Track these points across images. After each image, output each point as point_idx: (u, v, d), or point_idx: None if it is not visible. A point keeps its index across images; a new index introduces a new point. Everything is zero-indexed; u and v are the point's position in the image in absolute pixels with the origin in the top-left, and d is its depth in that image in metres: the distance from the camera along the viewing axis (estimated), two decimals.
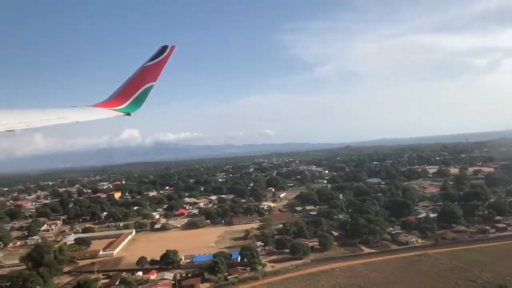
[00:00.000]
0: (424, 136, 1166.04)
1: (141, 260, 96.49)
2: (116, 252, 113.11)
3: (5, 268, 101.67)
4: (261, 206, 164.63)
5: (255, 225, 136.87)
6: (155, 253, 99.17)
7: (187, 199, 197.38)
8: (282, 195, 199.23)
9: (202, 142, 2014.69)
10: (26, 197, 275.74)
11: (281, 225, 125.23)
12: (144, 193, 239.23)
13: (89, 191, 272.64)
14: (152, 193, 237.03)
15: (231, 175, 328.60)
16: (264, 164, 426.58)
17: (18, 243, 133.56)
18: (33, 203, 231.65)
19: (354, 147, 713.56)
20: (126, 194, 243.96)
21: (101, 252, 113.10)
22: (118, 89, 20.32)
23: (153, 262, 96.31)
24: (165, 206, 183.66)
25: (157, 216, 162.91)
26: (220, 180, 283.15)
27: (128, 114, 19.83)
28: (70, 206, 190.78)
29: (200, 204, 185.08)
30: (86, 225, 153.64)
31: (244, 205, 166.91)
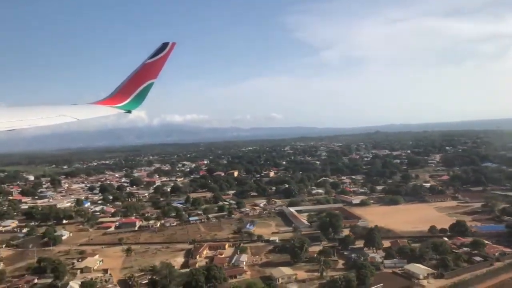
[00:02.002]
0: (435, 123, 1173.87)
1: (432, 229, 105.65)
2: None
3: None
4: None
5: (452, 203, 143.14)
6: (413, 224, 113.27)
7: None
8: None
9: (209, 125, 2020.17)
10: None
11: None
12: (264, 172, 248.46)
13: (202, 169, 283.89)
14: (271, 173, 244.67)
15: (301, 158, 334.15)
16: (310, 148, 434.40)
17: None
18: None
19: (383, 132, 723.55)
20: (243, 172, 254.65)
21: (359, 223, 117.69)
22: (119, 86, 20.62)
23: (442, 230, 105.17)
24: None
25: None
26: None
27: (129, 111, 20.14)
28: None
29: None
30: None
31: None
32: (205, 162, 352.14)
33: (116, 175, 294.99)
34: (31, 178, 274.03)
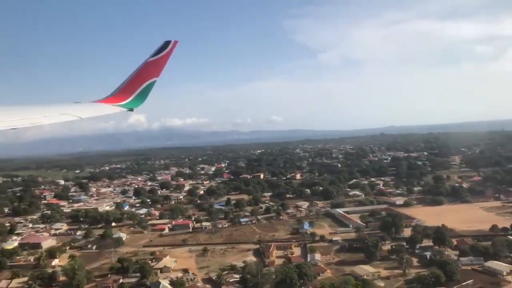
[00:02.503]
0: (435, 124, 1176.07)
1: (494, 228, 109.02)
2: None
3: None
4: None
5: (496, 203, 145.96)
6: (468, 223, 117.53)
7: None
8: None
9: (209, 128, 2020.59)
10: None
11: None
12: (290, 174, 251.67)
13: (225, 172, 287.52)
14: (297, 175, 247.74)
15: (319, 160, 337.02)
16: (323, 150, 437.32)
17: None
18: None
19: (388, 134, 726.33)
20: (268, 175, 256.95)
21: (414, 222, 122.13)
22: (121, 84, 20.70)
23: (503, 229, 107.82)
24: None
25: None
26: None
27: (131, 109, 20.23)
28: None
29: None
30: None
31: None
32: (223, 165, 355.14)
33: (139, 178, 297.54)
34: (62, 182, 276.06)
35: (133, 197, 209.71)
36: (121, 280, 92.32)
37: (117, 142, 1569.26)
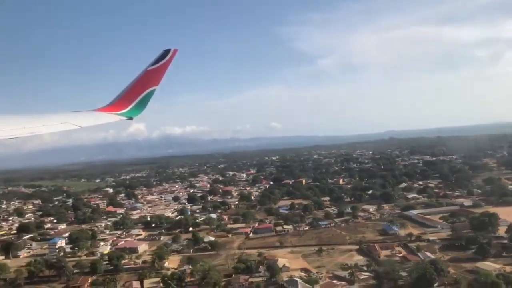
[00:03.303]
0: (436, 128, 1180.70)
1: None
2: None
3: None
4: None
5: None
6: None
7: None
8: None
9: (209, 136, 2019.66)
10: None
11: None
12: (333, 180, 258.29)
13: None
14: (339, 180, 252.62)
15: (348, 165, 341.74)
16: (335, 155, 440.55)
17: None
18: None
19: (397, 138, 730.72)
20: (309, 180, 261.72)
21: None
22: (121, 93, 20.71)
23: None
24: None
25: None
26: None
27: (131, 118, 20.17)
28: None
29: None
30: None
31: None
32: (253, 171, 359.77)
33: (176, 186, 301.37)
34: (110, 190, 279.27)
35: (187, 203, 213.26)
36: (250, 279, 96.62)
37: (118, 151, 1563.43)
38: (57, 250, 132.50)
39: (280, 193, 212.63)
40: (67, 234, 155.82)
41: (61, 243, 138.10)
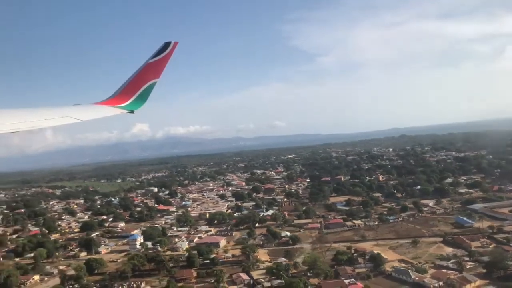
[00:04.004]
0: (440, 124, 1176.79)
1: None
2: None
3: None
4: None
5: None
6: None
7: None
8: None
9: (213, 135, 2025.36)
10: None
11: None
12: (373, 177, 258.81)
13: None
14: (379, 177, 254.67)
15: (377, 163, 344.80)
16: (358, 153, 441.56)
17: None
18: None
19: (409, 135, 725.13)
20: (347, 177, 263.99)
21: None
22: (122, 86, 20.65)
23: None
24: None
25: None
26: None
27: (132, 111, 20.12)
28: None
29: None
30: None
31: None
32: (280, 169, 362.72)
33: (210, 184, 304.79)
34: (155, 190, 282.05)
35: (235, 200, 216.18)
36: (355, 270, 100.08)
37: (122, 152, 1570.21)
38: (138, 246, 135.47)
39: (329, 189, 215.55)
40: (136, 231, 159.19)
41: (140, 239, 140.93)
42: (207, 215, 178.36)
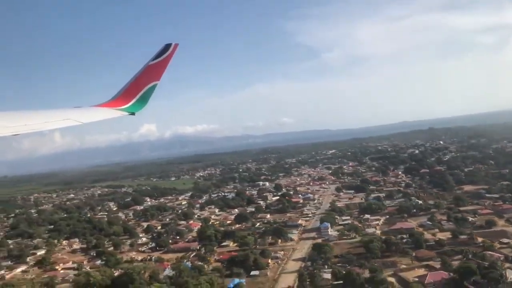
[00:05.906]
0: (450, 117, 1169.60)
1: None
2: None
3: None
4: None
5: None
6: None
7: None
8: None
9: (221, 134, 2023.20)
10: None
11: None
12: None
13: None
14: None
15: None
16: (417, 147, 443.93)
17: None
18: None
19: (437, 128, 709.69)
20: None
21: None
22: (122, 88, 20.82)
23: None
24: None
25: None
26: None
27: (133, 113, 20.24)
28: None
29: None
30: None
31: None
32: (352, 164, 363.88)
33: (298, 178, 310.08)
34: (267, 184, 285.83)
35: (354, 191, 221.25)
36: None
37: (133, 153, 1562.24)
38: (331, 233, 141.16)
39: (451, 179, 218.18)
40: (300, 221, 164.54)
41: (329, 226, 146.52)
42: (357, 205, 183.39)
